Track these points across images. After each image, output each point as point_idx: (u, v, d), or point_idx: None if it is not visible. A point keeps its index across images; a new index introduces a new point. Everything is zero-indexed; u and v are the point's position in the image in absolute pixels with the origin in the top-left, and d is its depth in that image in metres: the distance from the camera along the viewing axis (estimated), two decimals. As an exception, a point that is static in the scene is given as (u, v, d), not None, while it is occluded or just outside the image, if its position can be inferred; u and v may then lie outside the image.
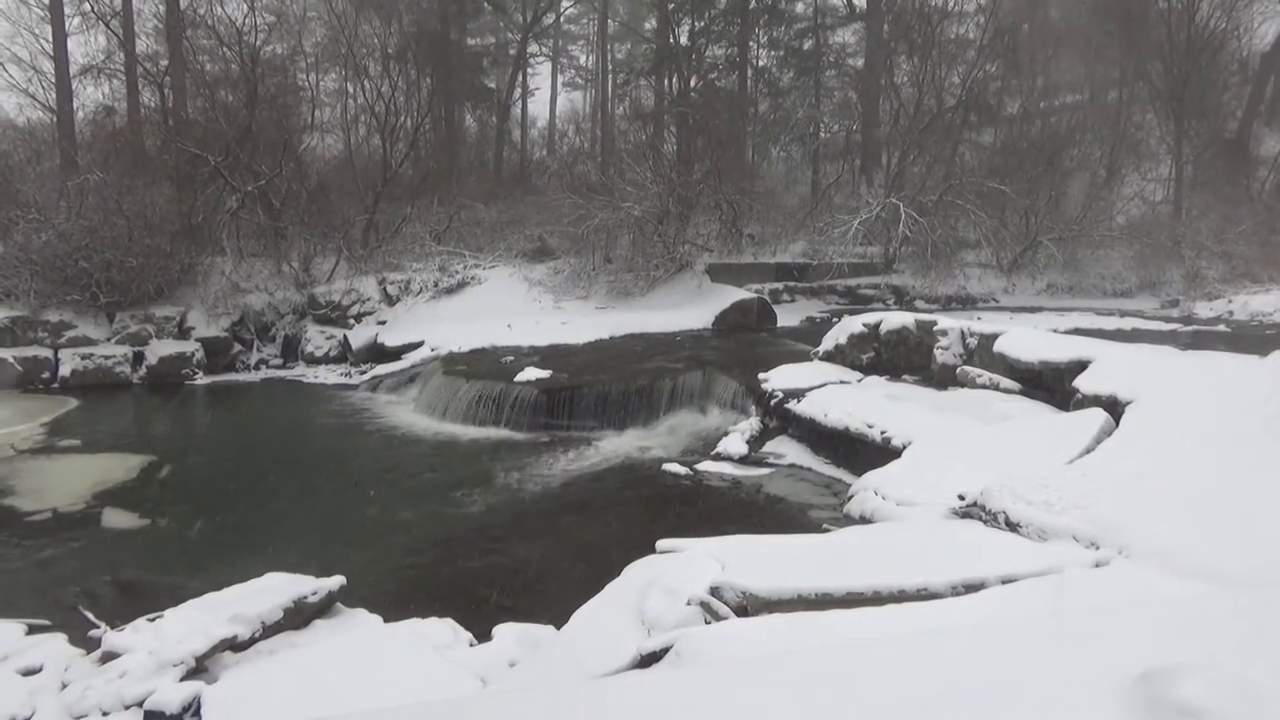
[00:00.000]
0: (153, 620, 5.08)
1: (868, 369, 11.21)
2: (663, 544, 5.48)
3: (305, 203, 18.43)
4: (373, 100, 21.48)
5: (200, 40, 21.66)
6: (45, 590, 6.66)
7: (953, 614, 3.82)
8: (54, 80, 19.93)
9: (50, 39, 19.78)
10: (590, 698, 2.58)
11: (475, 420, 11.60)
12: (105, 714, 4.42)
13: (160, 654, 4.65)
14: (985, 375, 9.64)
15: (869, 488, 6.98)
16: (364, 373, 15.04)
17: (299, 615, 5.31)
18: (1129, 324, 16.43)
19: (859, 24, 28.96)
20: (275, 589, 5.43)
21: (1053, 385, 8.80)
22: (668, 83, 27.10)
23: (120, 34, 20.13)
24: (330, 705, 4.16)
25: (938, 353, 10.46)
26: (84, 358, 14.24)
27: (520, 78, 31.75)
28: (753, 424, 10.53)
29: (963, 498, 5.78)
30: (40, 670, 4.89)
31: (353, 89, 25.10)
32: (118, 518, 8.27)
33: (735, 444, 10.03)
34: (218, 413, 13.43)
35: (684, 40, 26.71)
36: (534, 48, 34.60)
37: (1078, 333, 11.73)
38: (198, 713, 4.32)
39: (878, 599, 4.16)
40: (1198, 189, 23.91)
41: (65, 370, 14.10)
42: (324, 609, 5.49)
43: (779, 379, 10.97)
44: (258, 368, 15.85)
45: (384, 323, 16.35)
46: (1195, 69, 23.91)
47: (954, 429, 8.28)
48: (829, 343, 11.80)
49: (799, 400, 10.17)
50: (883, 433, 8.75)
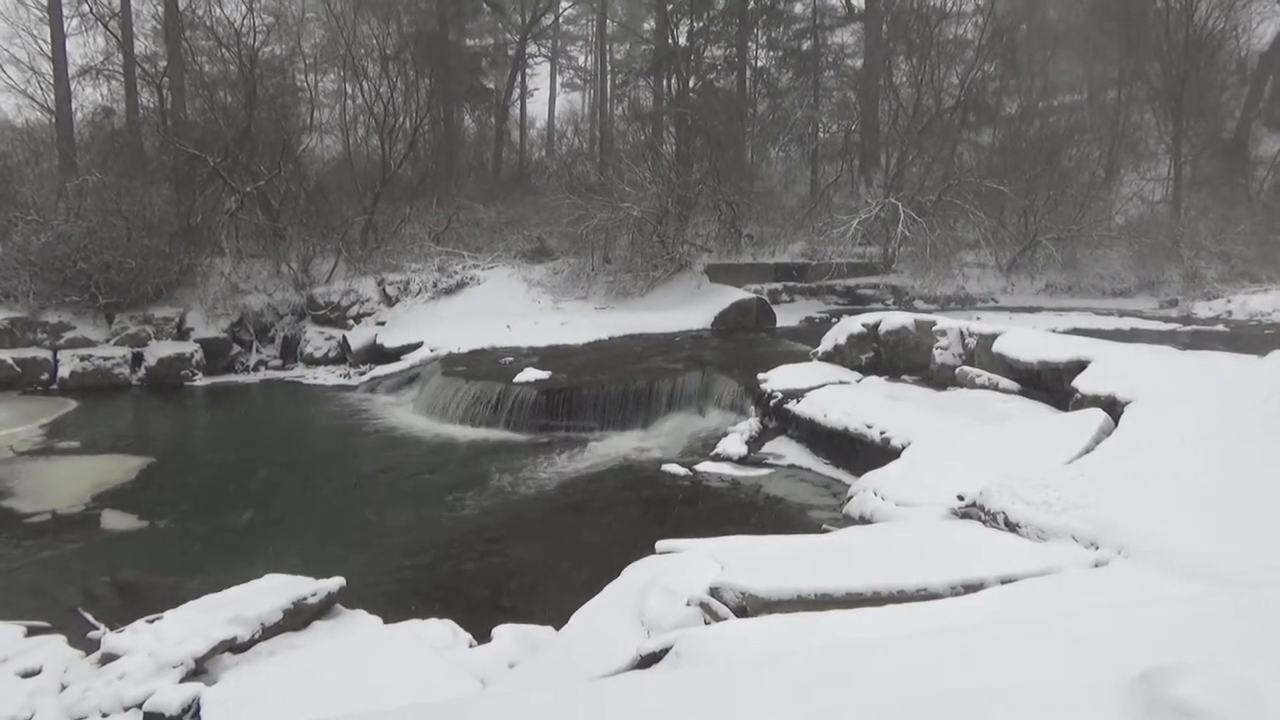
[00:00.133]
0: (152, 622, 5.08)
1: (867, 369, 11.22)
2: (662, 545, 5.48)
3: (304, 203, 18.43)
4: (371, 101, 21.46)
5: (199, 41, 21.66)
6: (44, 592, 6.66)
7: (952, 614, 3.82)
8: (52, 81, 19.92)
9: (49, 40, 19.76)
10: (590, 698, 2.58)
11: (474, 421, 11.60)
12: (105, 716, 4.42)
13: (160, 655, 4.65)
14: (984, 375, 9.64)
15: (868, 488, 6.99)
16: (363, 374, 15.03)
17: (298, 617, 5.31)
18: (1128, 324, 16.43)
19: (857, 24, 28.97)
20: (275, 590, 5.43)
21: (1052, 385, 8.81)
22: (666, 83, 27.10)
23: (119, 35, 20.12)
24: (330, 706, 4.16)
25: (937, 353, 10.47)
26: (83, 359, 14.24)
27: (519, 78, 31.75)
28: (752, 424, 10.53)
29: (962, 498, 5.78)
30: (39, 672, 4.89)
31: (351, 90, 25.10)
32: (117, 519, 8.27)
33: (734, 444, 10.03)
34: (217, 414, 13.43)
35: (683, 41, 26.71)
36: (533, 48, 34.61)
37: (1076, 333, 11.73)
38: (197, 714, 4.32)
39: (877, 599, 4.16)
40: (1196, 189, 23.92)
41: (64, 371, 14.10)
42: (323, 610, 5.49)
43: (778, 379, 10.97)
44: (257, 369, 15.85)
45: (383, 323, 16.35)
46: (1194, 69, 23.93)
47: (953, 429, 8.28)
48: (828, 343, 11.81)
49: (798, 401, 10.17)
50: (882, 433, 8.75)
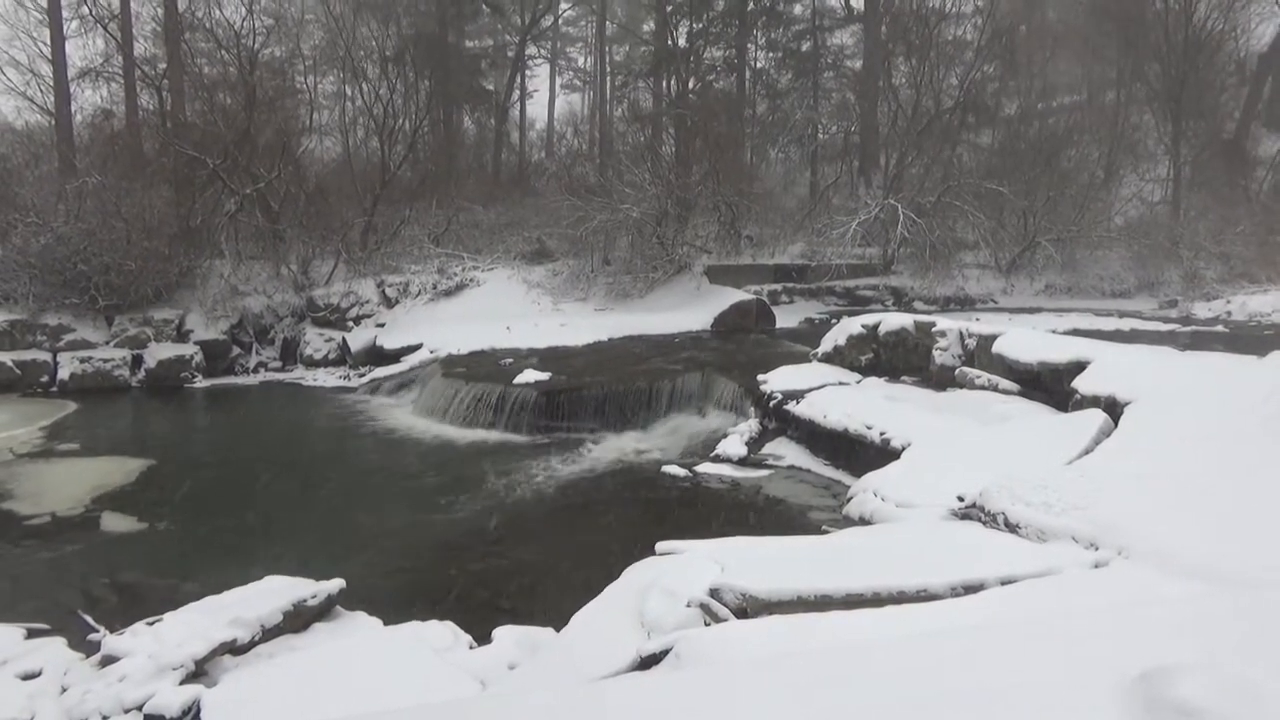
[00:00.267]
0: (152, 624, 5.08)
1: (866, 370, 11.22)
2: (662, 546, 5.48)
3: (304, 205, 18.44)
4: (371, 103, 21.46)
5: (198, 43, 21.67)
6: (44, 594, 6.66)
7: (952, 615, 3.82)
8: (52, 83, 19.93)
9: (48, 42, 19.77)
10: (590, 700, 2.58)
11: (474, 423, 11.59)
12: (105, 718, 4.42)
13: (160, 658, 4.65)
14: (984, 376, 9.63)
15: (868, 489, 6.99)
16: (363, 375, 15.03)
17: (298, 618, 5.31)
18: (1127, 325, 16.42)
19: (857, 26, 28.98)
20: (275, 592, 5.43)
21: (1051, 386, 8.80)
22: (666, 84, 27.11)
23: (118, 37, 20.14)
24: (330, 708, 4.16)
25: (936, 354, 10.47)
26: (82, 361, 14.24)
27: (518, 80, 31.75)
28: (752, 426, 10.53)
29: (962, 499, 5.78)
30: (39, 674, 4.89)
31: (351, 91, 25.08)
32: (117, 521, 8.26)
33: (734, 446, 10.03)
34: (217, 416, 13.43)
35: (682, 42, 26.71)
36: (532, 50, 34.59)
37: (1076, 333, 11.73)
38: (197, 716, 4.32)
39: (877, 600, 4.16)
40: (1195, 190, 23.91)
41: (64, 373, 14.10)
42: (323, 612, 5.49)
43: (778, 380, 10.97)
44: (256, 370, 15.85)
45: (383, 325, 16.35)
46: (1193, 70, 23.93)
47: (953, 430, 8.29)
48: (828, 344, 11.81)
49: (798, 402, 10.17)
50: (882, 434, 8.75)
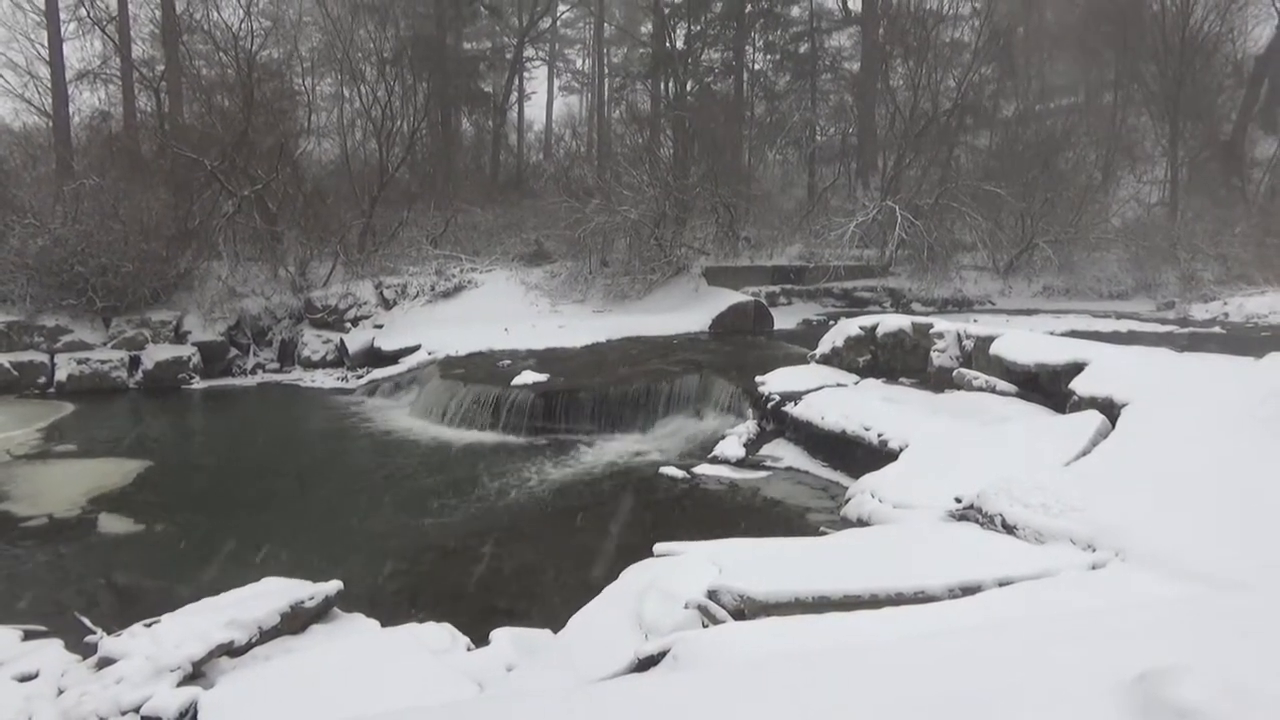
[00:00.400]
0: (149, 626, 5.07)
1: (864, 372, 11.23)
2: (660, 547, 5.49)
3: (301, 207, 18.43)
4: (369, 105, 21.48)
5: (196, 45, 21.68)
6: (41, 596, 6.64)
7: (950, 616, 3.83)
8: (50, 85, 19.94)
9: (46, 44, 19.79)
10: (588, 701, 2.58)
11: (472, 424, 11.59)
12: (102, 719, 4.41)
13: (157, 659, 4.64)
14: (982, 378, 9.64)
15: (866, 490, 7.00)
16: (360, 377, 15.01)
17: (296, 620, 5.30)
18: (1125, 326, 16.45)
19: (854, 28, 29.02)
20: (272, 594, 5.42)
21: (1049, 387, 8.81)
22: (664, 86, 27.12)
23: (116, 39, 20.16)
24: (328, 710, 4.15)
25: (934, 355, 10.48)
26: (80, 362, 14.22)
27: (516, 82, 31.78)
28: (750, 427, 10.54)
29: (959, 500, 5.79)
30: (36, 676, 4.88)
31: (349, 93, 25.10)
32: (114, 523, 8.25)
33: (732, 447, 10.03)
34: (214, 417, 13.41)
35: (680, 44, 26.75)
36: (530, 52, 34.60)
37: (1074, 335, 11.77)
38: (194, 718, 4.31)
39: (875, 602, 4.16)
40: (1193, 191, 23.97)
41: (61, 375, 14.07)
42: (321, 614, 5.48)
43: (776, 382, 10.98)
44: (254, 372, 15.83)
45: (380, 326, 16.34)
46: (1189, 72, 23.99)
47: (951, 432, 8.29)
48: (825, 345, 11.81)
49: (796, 403, 10.18)
50: (879, 435, 8.76)
